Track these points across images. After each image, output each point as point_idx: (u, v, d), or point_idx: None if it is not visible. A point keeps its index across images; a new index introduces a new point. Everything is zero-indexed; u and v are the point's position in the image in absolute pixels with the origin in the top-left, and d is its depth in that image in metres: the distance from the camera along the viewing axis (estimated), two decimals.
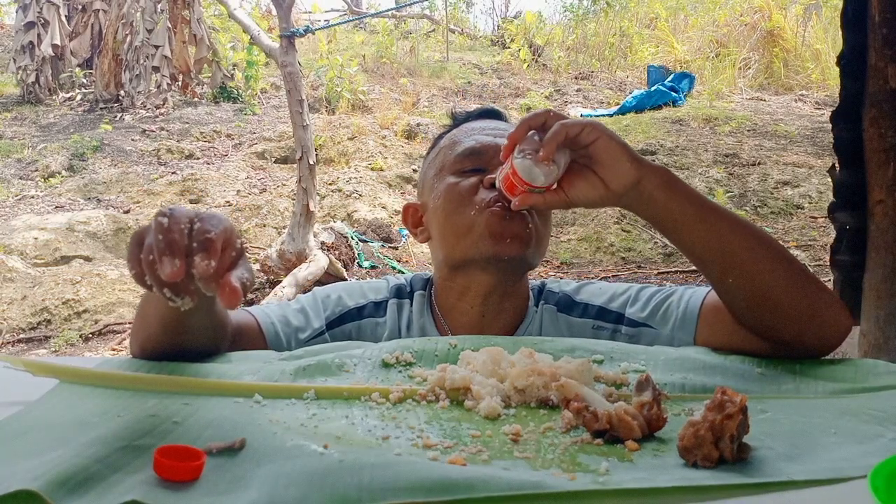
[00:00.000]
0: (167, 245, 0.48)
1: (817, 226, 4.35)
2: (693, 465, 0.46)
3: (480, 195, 0.80)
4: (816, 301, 0.68)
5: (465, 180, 0.82)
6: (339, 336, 0.82)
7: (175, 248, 0.48)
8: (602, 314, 0.83)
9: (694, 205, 0.69)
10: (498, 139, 0.84)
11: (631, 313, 0.82)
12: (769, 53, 7.47)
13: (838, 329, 0.69)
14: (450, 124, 0.93)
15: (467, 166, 0.83)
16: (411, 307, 0.87)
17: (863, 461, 0.45)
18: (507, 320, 0.84)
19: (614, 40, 8.30)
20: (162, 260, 0.47)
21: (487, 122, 0.90)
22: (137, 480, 0.42)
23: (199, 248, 0.48)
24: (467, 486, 0.41)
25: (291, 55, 3.90)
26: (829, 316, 0.68)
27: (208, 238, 0.49)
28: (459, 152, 0.84)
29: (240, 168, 5.54)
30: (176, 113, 6.46)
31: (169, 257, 0.47)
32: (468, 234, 0.80)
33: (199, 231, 0.49)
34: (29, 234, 4.29)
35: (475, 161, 0.82)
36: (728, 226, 0.69)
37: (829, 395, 0.61)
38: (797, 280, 0.68)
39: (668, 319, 0.79)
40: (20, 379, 0.62)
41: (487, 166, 0.81)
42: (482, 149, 0.83)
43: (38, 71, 6.59)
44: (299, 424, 0.52)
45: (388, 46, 7.92)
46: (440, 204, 0.83)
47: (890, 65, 1.42)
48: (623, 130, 5.89)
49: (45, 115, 6.52)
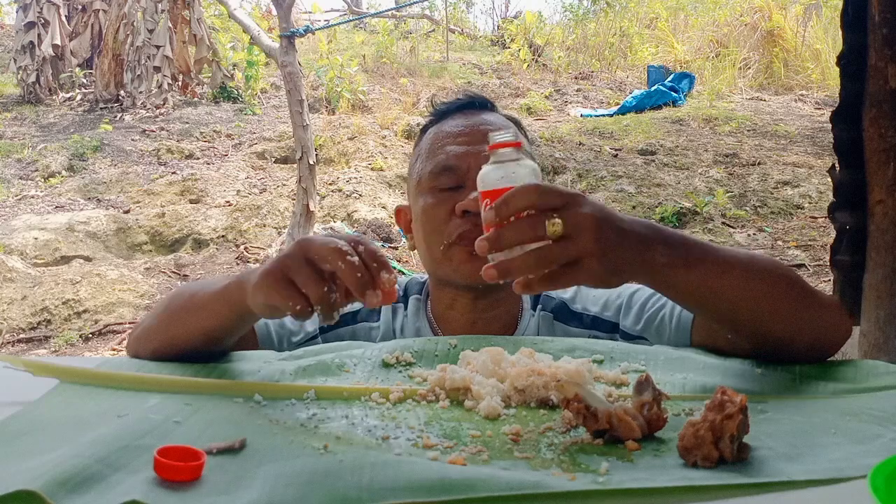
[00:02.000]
0: (361, 278, 0.54)
1: (817, 226, 4.35)
2: (693, 466, 0.46)
3: (451, 227, 0.78)
4: (816, 318, 0.67)
5: (439, 203, 0.80)
6: (332, 340, 0.81)
7: (373, 278, 0.55)
8: (597, 324, 0.83)
9: (713, 275, 0.61)
10: (473, 147, 0.80)
11: (626, 326, 0.81)
12: (769, 53, 7.46)
13: (838, 337, 0.69)
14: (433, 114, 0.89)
15: (442, 184, 0.81)
16: (405, 311, 0.86)
17: (863, 461, 0.45)
18: (500, 326, 0.84)
19: (614, 40, 8.30)
20: (365, 294, 0.54)
21: (470, 116, 0.85)
22: (138, 480, 0.42)
23: (381, 267, 0.56)
24: (467, 485, 0.41)
25: (291, 55, 3.90)
26: (828, 326, 0.68)
27: (382, 256, 0.56)
28: (433, 169, 0.82)
29: (240, 168, 5.53)
30: (176, 113, 6.46)
31: (372, 290, 0.55)
32: (444, 263, 0.80)
33: (369, 252, 0.56)
34: (29, 234, 4.29)
35: (449, 178, 0.80)
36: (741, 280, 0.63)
37: (829, 395, 0.61)
38: (798, 305, 0.65)
39: (661, 334, 0.79)
40: (20, 379, 0.62)
41: (463, 182, 0.79)
42: (455, 165, 0.80)
43: (39, 71, 6.59)
44: (299, 424, 0.52)
45: (388, 46, 7.92)
46: (419, 225, 0.83)
47: (890, 65, 1.42)
48: (623, 130, 5.89)
49: (45, 115, 6.52)
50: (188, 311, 0.68)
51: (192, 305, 0.69)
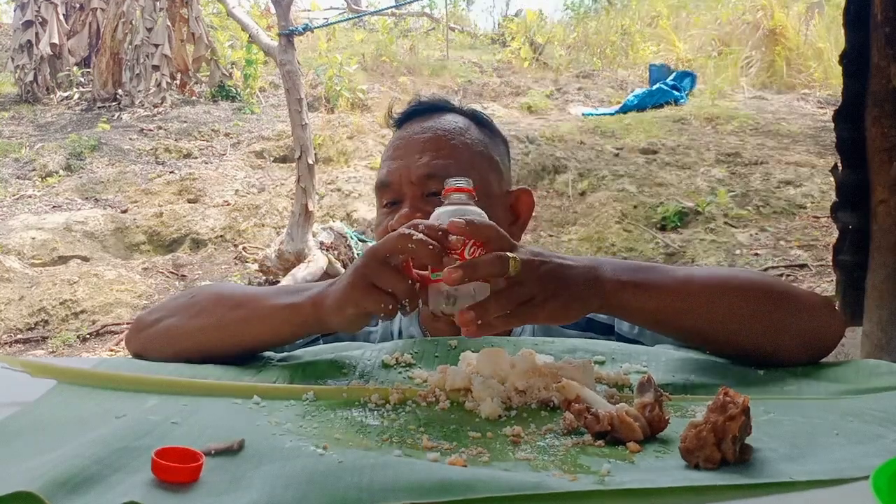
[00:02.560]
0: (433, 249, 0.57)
1: (820, 225, 4.35)
2: (695, 467, 0.46)
3: None
4: (801, 323, 0.67)
5: (381, 221, 0.80)
6: (331, 341, 0.79)
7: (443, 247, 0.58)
8: (591, 325, 0.82)
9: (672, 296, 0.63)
10: (406, 160, 0.78)
11: (622, 330, 0.81)
12: (771, 52, 7.46)
13: (829, 337, 0.68)
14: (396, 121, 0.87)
15: (383, 200, 0.81)
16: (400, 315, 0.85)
17: (865, 462, 0.45)
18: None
19: (616, 38, 8.29)
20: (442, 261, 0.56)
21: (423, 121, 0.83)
22: (136, 481, 0.42)
23: (445, 234, 0.58)
24: (467, 487, 0.41)
25: (290, 53, 3.90)
26: (816, 328, 0.68)
27: (440, 226, 0.59)
28: (375, 185, 0.82)
29: (238, 167, 5.53)
30: (174, 112, 6.45)
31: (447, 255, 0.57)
32: None
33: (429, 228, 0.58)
34: (26, 234, 4.28)
35: (386, 194, 0.80)
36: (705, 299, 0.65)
37: (831, 396, 0.61)
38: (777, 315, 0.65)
39: (657, 338, 0.78)
40: (18, 380, 0.62)
41: (400, 197, 0.79)
42: (390, 181, 0.79)
43: (36, 70, 6.58)
44: (298, 425, 0.52)
45: (388, 45, 7.91)
46: None
47: (892, 64, 1.42)
48: (624, 129, 5.89)
49: (42, 115, 6.51)
50: (241, 321, 0.67)
51: (247, 316, 0.67)
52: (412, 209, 0.75)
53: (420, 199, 0.77)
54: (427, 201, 0.76)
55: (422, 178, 0.77)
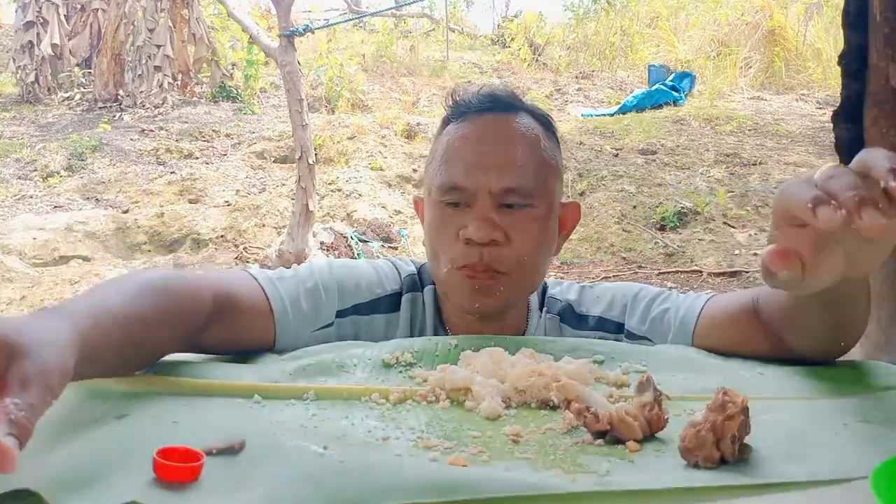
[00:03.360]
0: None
1: None
2: (694, 466, 0.46)
3: (456, 253, 0.76)
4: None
5: (445, 222, 0.77)
6: (346, 325, 0.79)
7: None
8: (602, 324, 0.82)
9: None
10: (485, 164, 0.75)
11: (631, 326, 0.81)
12: (770, 53, 7.47)
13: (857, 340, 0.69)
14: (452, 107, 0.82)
15: (448, 199, 0.78)
16: (424, 302, 0.83)
17: (864, 462, 0.45)
18: (509, 329, 0.82)
19: (615, 39, 8.30)
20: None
21: (493, 121, 0.79)
22: (137, 481, 0.42)
23: None
24: (468, 486, 0.41)
25: (291, 54, 3.90)
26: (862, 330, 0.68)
27: None
28: (441, 185, 0.78)
29: (239, 168, 5.53)
30: (175, 112, 6.46)
31: None
32: (447, 284, 0.78)
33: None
34: (28, 234, 4.29)
35: (454, 195, 0.77)
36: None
37: (830, 396, 0.61)
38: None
39: (665, 333, 0.78)
40: None
41: (471, 201, 0.76)
42: (464, 185, 0.76)
43: (37, 70, 6.59)
44: (299, 425, 0.52)
45: (388, 45, 7.92)
46: (427, 234, 0.81)
47: (891, 64, 1.42)
48: (624, 130, 5.90)
49: (43, 115, 6.52)
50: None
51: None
52: (486, 220, 0.74)
53: (495, 208, 0.76)
54: (500, 211, 0.75)
55: (503, 191, 0.76)
